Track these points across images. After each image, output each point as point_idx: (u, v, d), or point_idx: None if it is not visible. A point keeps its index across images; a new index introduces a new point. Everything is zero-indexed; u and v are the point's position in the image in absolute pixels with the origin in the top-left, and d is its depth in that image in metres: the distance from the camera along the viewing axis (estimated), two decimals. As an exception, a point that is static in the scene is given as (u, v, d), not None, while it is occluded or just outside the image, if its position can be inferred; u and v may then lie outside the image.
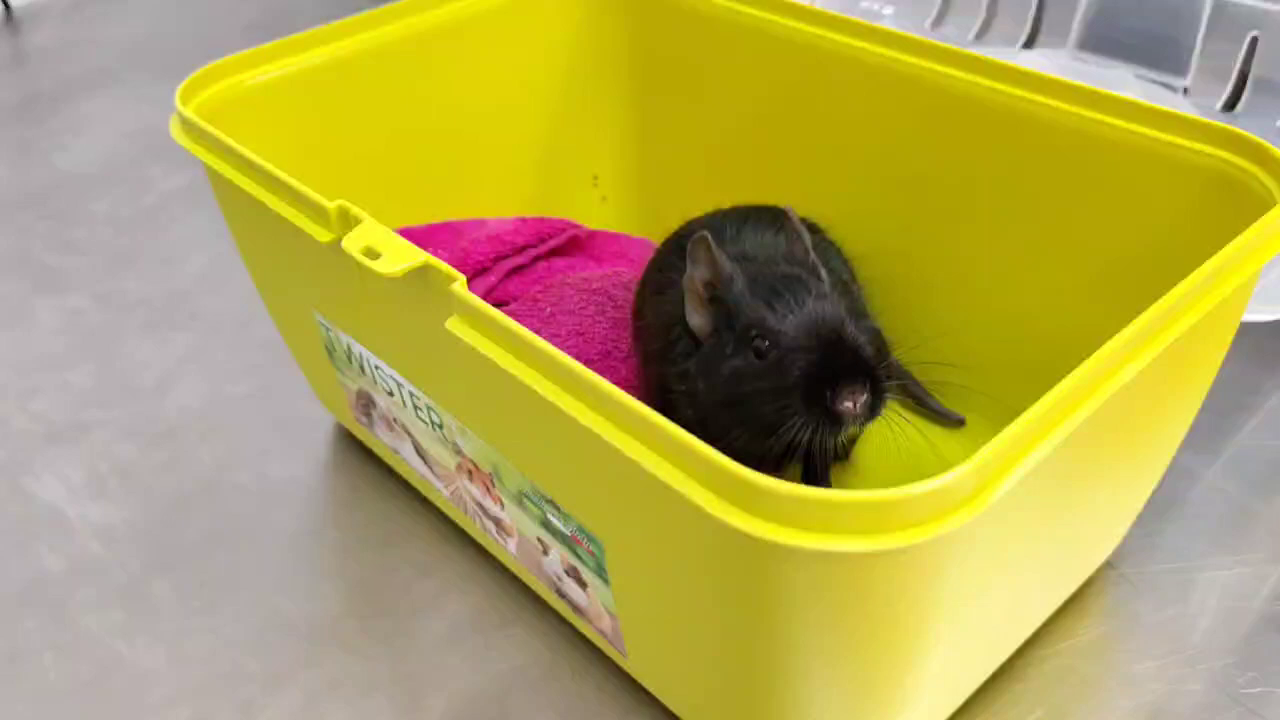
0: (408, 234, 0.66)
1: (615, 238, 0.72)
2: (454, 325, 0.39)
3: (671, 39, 0.68)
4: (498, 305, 0.66)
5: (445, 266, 0.39)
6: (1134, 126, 0.48)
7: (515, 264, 0.67)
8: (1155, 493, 0.51)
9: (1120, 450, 0.42)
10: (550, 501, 0.42)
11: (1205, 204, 0.47)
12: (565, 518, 0.42)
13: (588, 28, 0.70)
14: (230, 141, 0.49)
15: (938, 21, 0.86)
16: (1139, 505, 0.51)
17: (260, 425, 0.65)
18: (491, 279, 0.66)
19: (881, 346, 0.52)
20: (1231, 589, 0.52)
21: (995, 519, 0.33)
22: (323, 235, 0.44)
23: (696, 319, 0.46)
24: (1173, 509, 0.56)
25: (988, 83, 0.53)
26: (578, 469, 0.39)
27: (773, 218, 0.53)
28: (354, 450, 0.63)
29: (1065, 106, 0.50)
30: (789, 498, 0.30)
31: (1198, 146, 0.47)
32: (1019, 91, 0.52)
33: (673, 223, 0.59)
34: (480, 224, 0.69)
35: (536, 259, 0.68)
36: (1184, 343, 0.38)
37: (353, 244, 0.41)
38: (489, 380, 0.39)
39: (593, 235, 0.72)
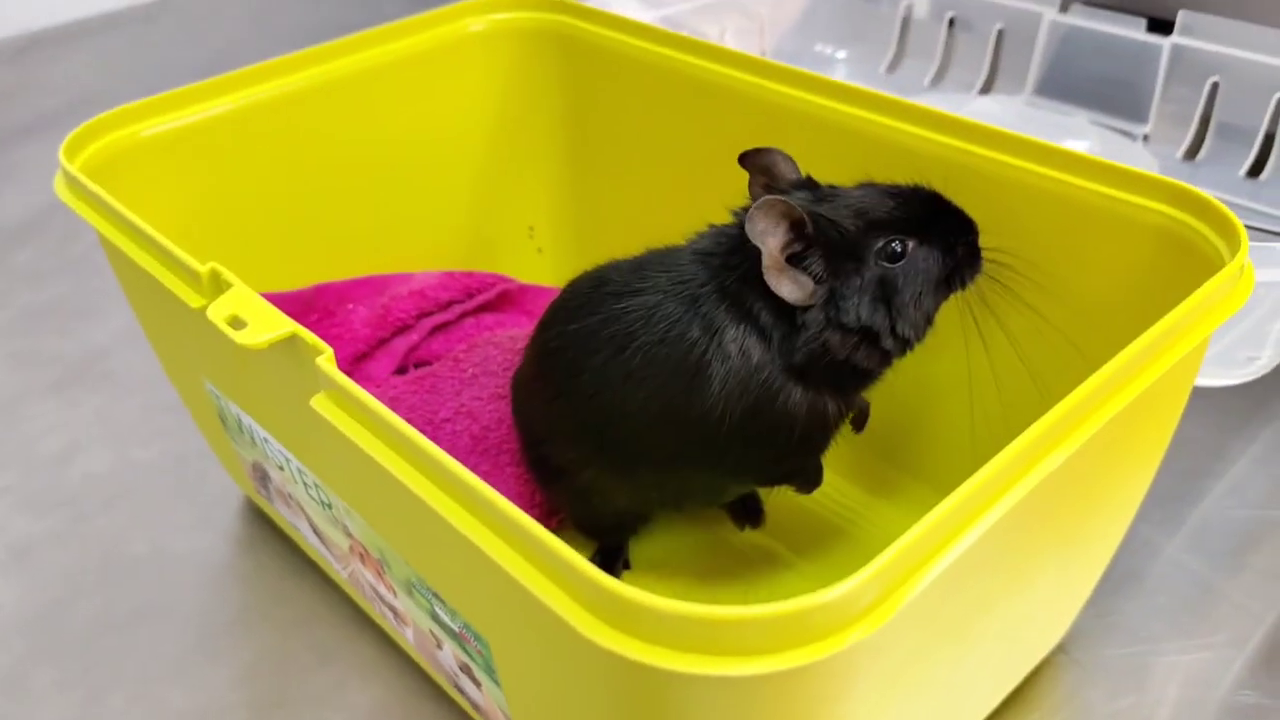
0: (326, 291, 0.63)
1: (549, 292, 0.68)
2: (319, 403, 0.35)
3: (609, 86, 0.64)
4: (420, 365, 0.63)
5: (312, 338, 0.36)
6: (1078, 180, 0.45)
7: (440, 321, 0.64)
8: (1111, 567, 0.48)
9: (1060, 535, 0.39)
10: (436, 595, 0.38)
11: (1155, 263, 0.44)
12: (452, 613, 0.38)
13: (520, 73, 0.67)
14: (108, 198, 0.45)
15: (892, 66, 0.84)
16: (1089, 587, 0.47)
17: (166, 495, 0.61)
18: (414, 337, 0.63)
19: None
20: (1193, 676, 0.48)
21: (908, 625, 0.30)
22: (195, 300, 0.41)
23: (789, 287, 0.41)
24: (1130, 585, 0.52)
25: (931, 135, 0.49)
26: (453, 565, 0.35)
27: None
28: (262, 523, 0.59)
29: (1008, 160, 0.47)
30: (667, 616, 0.26)
31: (1144, 202, 0.43)
32: (961, 144, 0.48)
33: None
34: (405, 279, 0.65)
35: (463, 315, 0.65)
36: (1126, 418, 0.35)
37: (217, 312, 0.38)
38: (360, 464, 0.35)
39: (525, 289, 0.68)
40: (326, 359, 0.35)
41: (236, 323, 0.37)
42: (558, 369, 0.47)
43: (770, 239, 0.40)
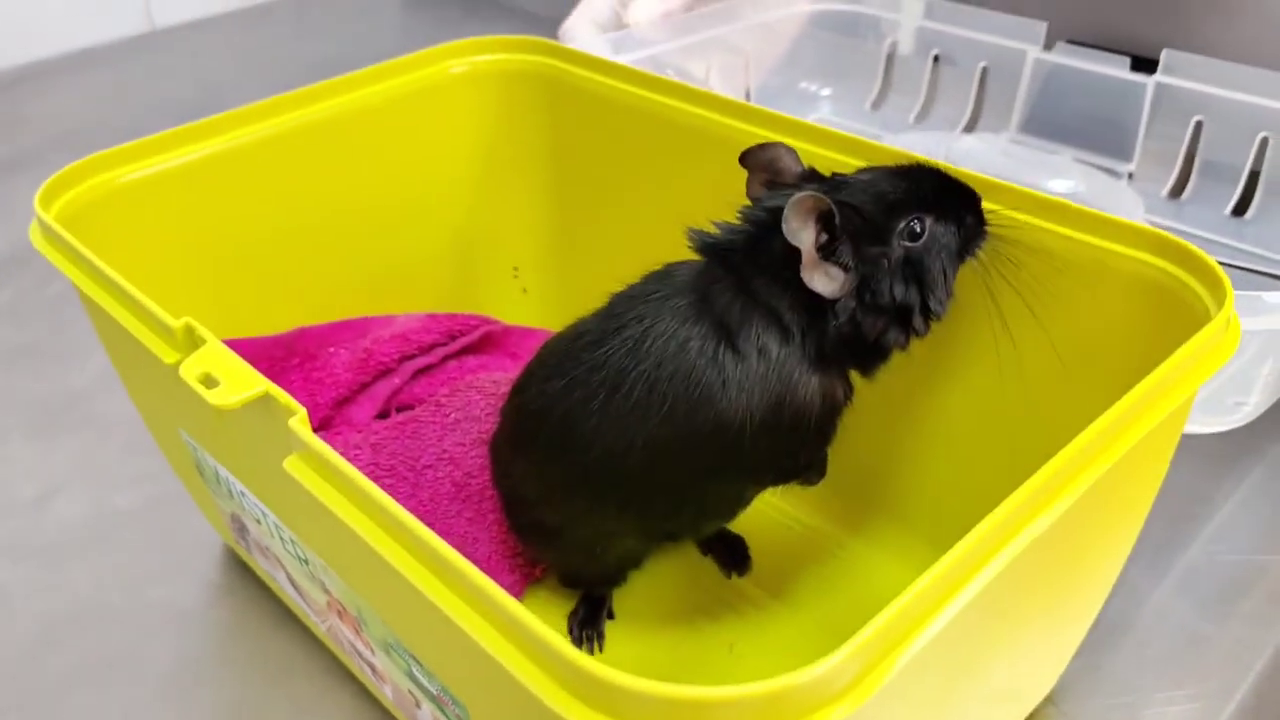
0: (307, 334, 0.62)
1: (533, 333, 0.68)
2: (291, 465, 0.35)
3: (591, 127, 0.64)
4: (402, 409, 0.62)
5: (286, 398, 0.35)
6: (1063, 229, 0.45)
7: (423, 364, 0.63)
8: (1099, 615, 0.47)
9: (1047, 593, 0.38)
10: (414, 657, 0.38)
11: (1140, 313, 0.43)
12: (429, 675, 0.37)
13: (503, 115, 0.66)
14: (81, 248, 0.45)
15: (877, 103, 0.84)
16: (1078, 639, 0.47)
17: (146, 542, 0.60)
18: (396, 380, 0.62)
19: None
20: (1182, 728, 0.47)
21: (892, 698, 0.29)
22: (169, 356, 0.40)
23: (823, 281, 0.41)
24: (1117, 633, 0.52)
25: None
26: (429, 632, 0.34)
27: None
28: (241, 571, 0.58)
29: (991, 206, 0.47)
30: (642, 696, 0.26)
31: (1128, 251, 0.43)
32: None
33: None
34: (388, 321, 0.65)
35: (446, 358, 0.64)
36: (1114, 475, 0.34)
37: (190, 370, 0.37)
38: (335, 526, 0.34)
39: (509, 331, 0.68)
40: (299, 420, 0.34)
41: (209, 381, 0.37)
42: (546, 428, 0.46)
43: (805, 235, 0.40)
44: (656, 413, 0.43)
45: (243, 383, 0.36)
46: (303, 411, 0.34)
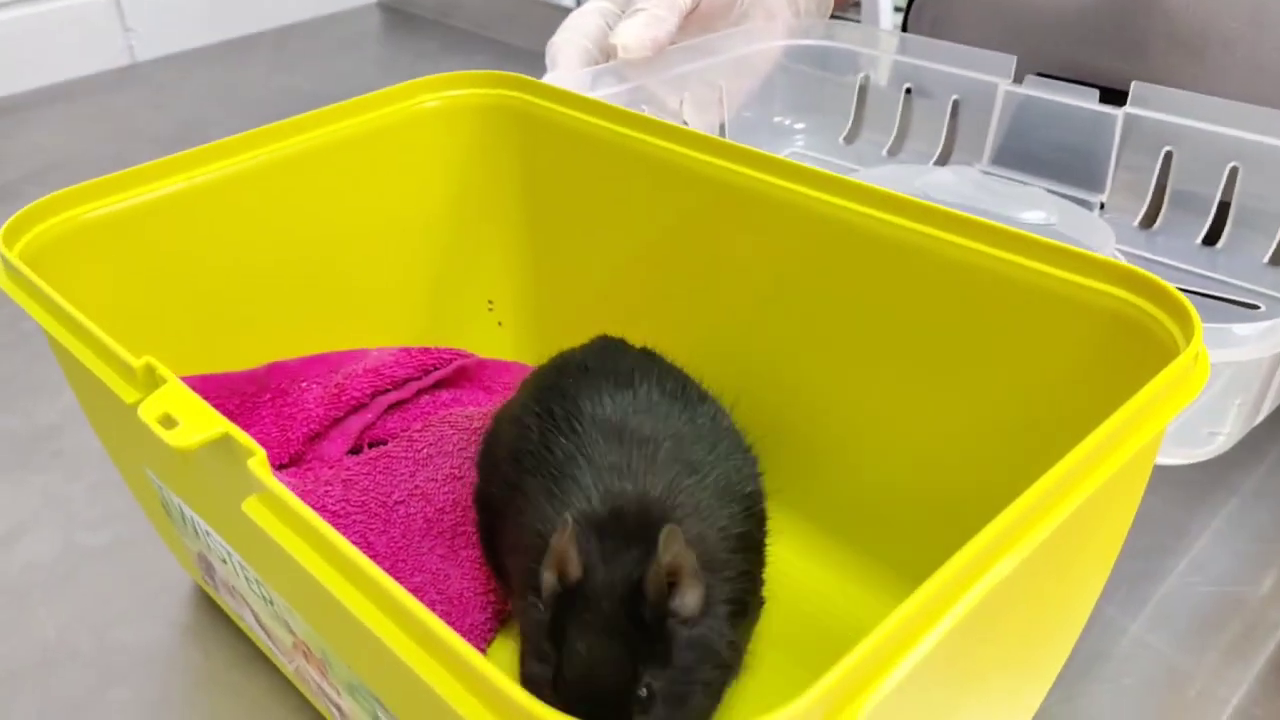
0: (279, 369, 0.62)
1: (508, 367, 0.68)
2: (250, 507, 0.34)
3: (565, 161, 0.64)
4: (374, 444, 0.61)
5: (246, 439, 0.35)
6: (1032, 263, 0.45)
7: (396, 398, 0.63)
8: (1076, 648, 0.47)
9: (1017, 635, 0.38)
10: (377, 700, 0.37)
11: (1110, 347, 0.43)
12: (393, 719, 0.37)
13: (477, 149, 0.66)
14: (43, 285, 0.44)
15: (850, 137, 0.84)
16: (1052, 675, 0.46)
17: (115, 583, 0.60)
18: (369, 415, 0.62)
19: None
20: (1159, 764, 0.47)
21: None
22: (129, 395, 0.40)
23: (563, 559, 0.40)
24: (1094, 668, 0.51)
25: (882, 215, 0.49)
26: (391, 681, 0.34)
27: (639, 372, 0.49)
28: (210, 610, 0.57)
29: (961, 241, 0.47)
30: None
31: (1098, 285, 0.43)
32: (913, 225, 0.48)
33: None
34: (361, 355, 0.65)
35: (420, 392, 0.64)
36: (1081, 513, 0.34)
37: (149, 411, 0.37)
38: (295, 569, 0.34)
39: (484, 364, 0.67)
40: (258, 461, 0.34)
41: (168, 421, 0.36)
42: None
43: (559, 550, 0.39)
44: None
45: (202, 423, 0.36)
46: (261, 453, 0.34)
